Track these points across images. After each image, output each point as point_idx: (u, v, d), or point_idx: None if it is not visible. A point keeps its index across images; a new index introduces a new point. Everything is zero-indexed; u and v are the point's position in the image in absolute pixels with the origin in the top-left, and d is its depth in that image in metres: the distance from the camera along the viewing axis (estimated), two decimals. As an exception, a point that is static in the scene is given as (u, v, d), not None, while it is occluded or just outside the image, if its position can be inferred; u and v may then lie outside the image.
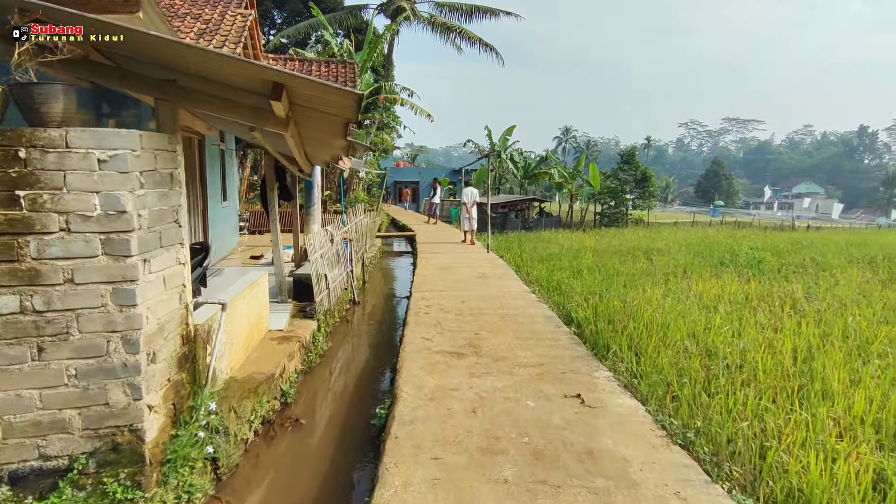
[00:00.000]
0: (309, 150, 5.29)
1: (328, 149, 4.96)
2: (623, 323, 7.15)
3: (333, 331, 7.13)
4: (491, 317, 6.60)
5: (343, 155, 5.16)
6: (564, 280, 10.23)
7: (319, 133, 4.17)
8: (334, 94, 2.87)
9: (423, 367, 4.75)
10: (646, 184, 28.23)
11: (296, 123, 3.88)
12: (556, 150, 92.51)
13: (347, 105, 3.01)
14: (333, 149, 4.87)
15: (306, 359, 5.60)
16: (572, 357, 5.13)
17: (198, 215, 8.67)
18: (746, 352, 6.08)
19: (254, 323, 4.94)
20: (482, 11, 27.75)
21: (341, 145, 4.45)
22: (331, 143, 4.54)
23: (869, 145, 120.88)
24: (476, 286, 8.59)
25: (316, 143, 4.74)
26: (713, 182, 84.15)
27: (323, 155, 5.51)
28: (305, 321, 6.20)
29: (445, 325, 6.16)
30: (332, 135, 4.05)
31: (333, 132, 3.87)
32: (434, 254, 12.49)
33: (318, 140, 4.51)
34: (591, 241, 18.46)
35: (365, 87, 21.47)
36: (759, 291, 9.96)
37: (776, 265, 13.21)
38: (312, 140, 4.56)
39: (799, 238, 21.98)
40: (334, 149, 4.84)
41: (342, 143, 4.31)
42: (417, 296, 7.75)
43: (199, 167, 8.77)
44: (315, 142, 4.64)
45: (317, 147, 4.99)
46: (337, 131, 3.74)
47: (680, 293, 9.58)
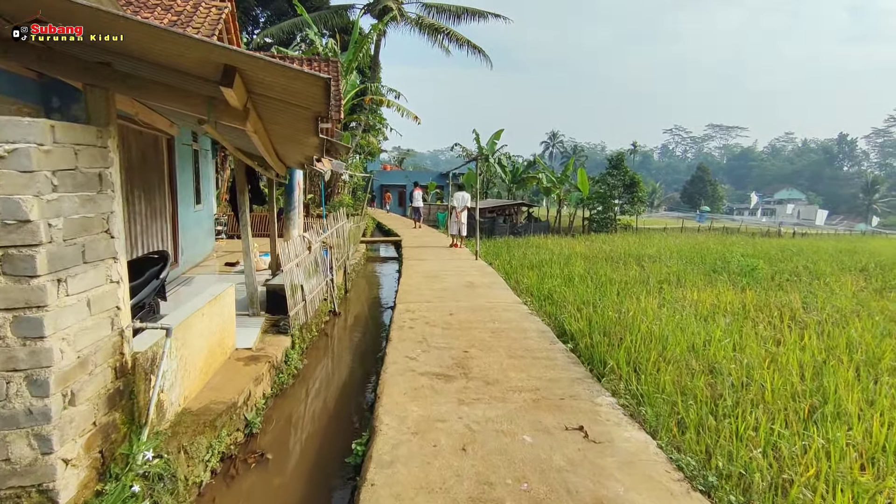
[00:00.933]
0: (280, 150, 4.77)
1: (301, 148, 4.45)
2: (619, 335, 6.78)
3: (311, 346, 6.59)
4: (481, 332, 6.11)
5: (318, 155, 4.65)
6: (556, 288, 9.82)
7: (288, 129, 3.67)
8: (296, 79, 2.37)
9: (406, 392, 4.24)
10: (634, 189, 28.01)
11: (260, 118, 3.36)
12: (544, 155, 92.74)
13: (314, 94, 2.51)
14: (306, 148, 4.36)
15: (277, 380, 5.05)
16: (571, 379, 4.66)
17: (166, 220, 8.07)
18: (751, 368, 5.74)
19: (216, 342, 4.39)
20: (470, 13, 27.36)
21: (314, 144, 3.95)
22: (302, 142, 4.04)
23: (848, 153, 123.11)
24: (464, 296, 8.10)
25: (286, 141, 4.23)
26: (699, 188, 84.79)
27: (296, 155, 4.99)
28: (278, 337, 5.66)
29: (432, 342, 5.66)
30: (301, 131, 3.55)
31: (303, 128, 3.37)
32: (420, 260, 11.99)
33: (288, 138, 4.00)
34: (581, 246, 18.12)
35: (350, 87, 20.94)
36: (756, 301, 9.65)
37: (769, 273, 12.96)
38: (281, 138, 4.05)
39: (788, 245, 21.90)
40: (307, 148, 4.33)
41: (314, 142, 3.81)
42: (402, 307, 7.24)
43: (167, 168, 8.18)
44: (285, 139, 4.12)
45: (288, 146, 4.48)
46: (306, 127, 3.24)
47: (675, 303, 9.27)
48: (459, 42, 26.80)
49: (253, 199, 6.31)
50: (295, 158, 5.16)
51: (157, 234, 7.67)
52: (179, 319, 3.59)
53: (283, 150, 4.82)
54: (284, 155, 5.10)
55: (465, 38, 26.65)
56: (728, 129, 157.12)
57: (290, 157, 5.25)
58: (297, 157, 5.00)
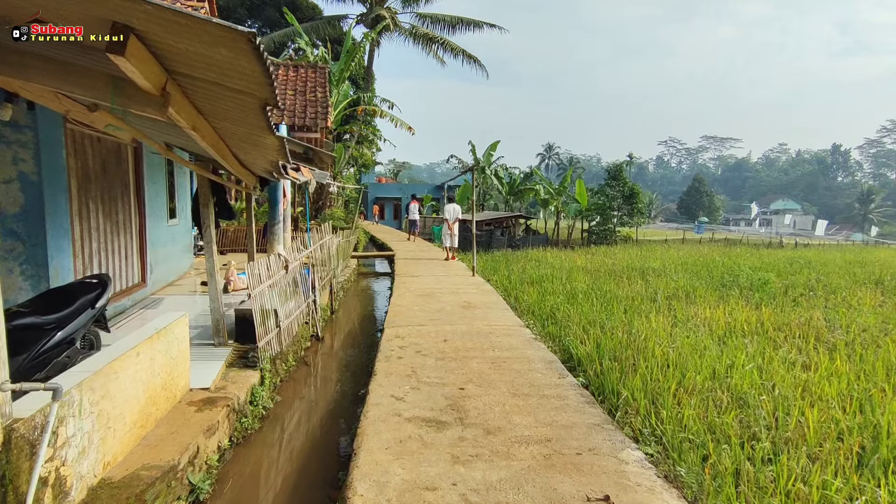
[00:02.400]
0: (242, 155, 4.07)
1: (262, 151, 3.74)
2: (631, 360, 6.09)
3: (287, 378, 5.81)
4: (479, 362, 5.36)
5: (283, 160, 3.92)
6: (559, 306, 9.12)
7: (240, 126, 2.96)
8: (215, 42, 1.66)
9: (389, 446, 3.48)
10: (633, 200, 27.42)
11: (202, 113, 2.64)
12: (540, 167, 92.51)
13: (248, 71, 1.81)
14: (267, 151, 3.64)
15: (240, 426, 4.28)
16: (587, 426, 3.90)
17: (131, 236, 7.32)
18: (783, 400, 5.05)
19: (159, 386, 3.63)
20: (465, 23, 26.94)
21: (273, 145, 3.25)
22: (259, 143, 3.33)
23: (842, 163, 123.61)
24: (461, 318, 7.35)
25: (243, 143, 3.52)
26: (695, 199, 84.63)
27: (260, 161, 4.27)
28: (245, 372, 4.89)
29: (422, 376, 4.90)
30: (254, 128, 2.84)
31: (253, 123, 2.67)
32: (413, 277, 11.24)
33: (244, 138, 3.30)
34: (581, 260, 17.44)
35: (342, 97, 20.34)
36: (774, 319, 8.95)
37: (781, 287, 12.30)
38: (236, 138, 3.35)
39: (794, 256, 21.26)
40: (268, 151, 3.62)
41: (273, 142, 3.11)
42: (390, 333, 6.48)
43: (133, 179, 7.45)
44: (241, 141, 3.42)
45: (247, 149, 3.77)
46: (257, 121, 2.54)
47: (687, 321, 8.59)
48: (454, 52, 26.34)
49: (219, 212, 5.59)
50: (260, 165, 4.45)
51: (119, 252, 6.92)
52: (98, 365, 2.83)
53: (245, 156, 4.11)
54: (248, 161, 4.38)
55: (460, 48, 26.20)
56: (722, 140, 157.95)
57: (256, 164, 4.54)
58: (262, 163, 4.28)
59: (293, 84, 11.60)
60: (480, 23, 27.01)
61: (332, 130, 20.24)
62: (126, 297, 7.00)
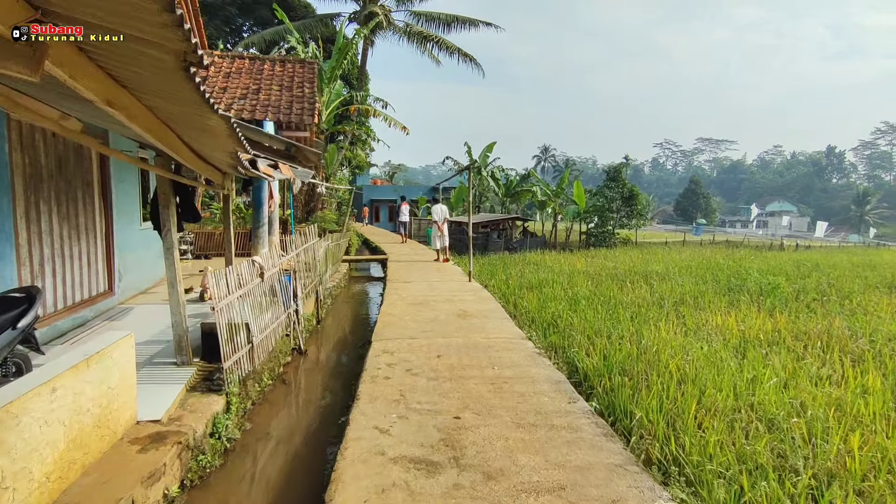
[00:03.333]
0: (196, 145, 3.44)
1: (213, 138, 3.10)
2: (643, 375, 5.54)
3: (261, 400, 5.17)
4: (477, 383, 4.73)
5: (237, 148, 3.28)
6: (561, 314, 8.54)
7: (172, 102, 2.34)
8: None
9: (367, 498, 2.84)
10: (633, 202, 26.86)
11: (120, 83, 2.00)
12: (536, 169, 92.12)
13: (146, 6, 1.17)
14: (218, 137, 3.01)
15: (196, 465, 3.63)
16: (607, 468, 3.27)
17: (95, 241, 6.66)
18: (817, 422, 4.51)
19: (89, 424, 2.99)
20: (460, 22, 26.36)
21: (222, 129, 2.62)
22: (206, 126, 2.70)
23: (837, 165, 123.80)
24: (456, 330, 6.73)
25: (190, 128, 2.89)
26: (692, 201, 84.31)
27: (218, 152, 3.63)
28: (207, 397, 4.24)
29: (412, 401, 4.27)
30: (189, 103, 2.22)
31: (182, 93, 2.05)
32: (406, 283, 10.60)
33: (187, 120, 2.68)
34: (581, 263, 16.87)
35: (335, 96, 19.72)
36: (791, 327, 8.40)
37: (791, 292, 11.76)
38: (178, 120, 2.72)
39: (800, 259, 20.77)
40: (219, 137, 2.99)
41: (219, 124, 2.50)
42: (378, 347, 5.84)
43: (99, 179, 6.80)
44: (184, 124, 2.79)
45: (196, 135, 3.13)
46: (184, 90, 1.92)
47: (698, 330, 8.04)
48: (450, 50, 25.76)
49: (183, 214, 4.96)
50: (220, 158, 3.82)
51: (80, 258, 6.26)
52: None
53: (200, 146, 3.48)
54: (206, 153, 3.75)
55: (456, 47, 25.64)
56: (717, 142, 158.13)
57: (216, 157, 3.90)
58: (221, 154, 3.65)
59: (279, 79, 10.97)
60: (476, 21, 26.46)
61: (325, 130, 19.61)
62: (88, 308, 6.35)
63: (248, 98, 10.12)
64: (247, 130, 7.14)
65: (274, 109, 9.91)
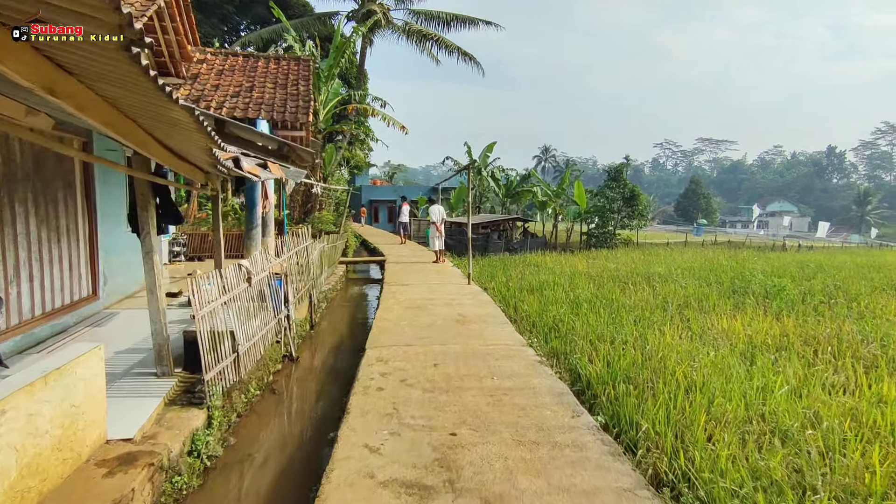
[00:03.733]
0: (167, 140, 3.17)
1: (183, 132, 2.83)
2: (648, 383, 5.30)
3: (247, 412, 4.89)
4: (475, 395, 4.47)
5: (209, 143, 3.00)
6: (562, 317, 8.28)
7: (126, 88, 2.07)
8: None
9: (354, 530, 2.59)
10: (634, 202, 26.60)
11: (64, 69, 1.73)
12: (537, 170, 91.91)
13: None
14: (186, 131, 2.73)
15: (170, 488, 3.36)
16: (616, 492, 3.00)
17: (77, 243, 6.39)
18: (832, 433, 4.28)
19: (48, 447, 2.72)
20: (460, 20, 26.08)
21: (186, 121, 2.36)
22: (171, 118, 2.43)
23: (837, 165, 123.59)
24: (454, 336, 6.46)
25: (155, 121, 2.61)
26: (692, 201, 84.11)
27: (193, 148, 3.34)
28: (187, 412, 3.97)
29: (406, 415, 4.00)
30: (141, 90, 1.96)
31: (130, 77, 1.78)
32: (403, 285, 10.33)
33: (148, 111, 2.40)
34: (582, 264, 16.61)
35: (332, 95, 19.46)
36: (799, 331, 8.16)
37: (798, 294, 11.51)
38: (139, 111, 2.45)
39: (803, 260, 20.51)
40: (187, 130, 2.71)
41: (183, 116, 2.23)
42: (373, 355, 5.57)
43: (81, 179, 6.53)
44: (146, 115, 2.51)
45: (164, 129, 2.84)
46: (131, 74, 1.65)
47: (704, 334, 7.80)
48: (449, 49, 25.49)
49: (163, 216, 4.69)
50: (196, 155, 3.54)
51: (60, 262, 5.99)
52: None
53: (171, 141, 3.21)
54: (181, 149, 3.48)
55: (455, 45, 25.35)
56: (718, 142, 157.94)
57: (192, 154, 3.62)
58: (195, 151, 3.37)
59: (273, 77, 10.70)
60: (476, 20, 26.19)
61: (322, 130, 19.35)
62: (69, 314, 6.08)
63: (241, 96, 9.85)
64: (237, 128, 6.88)
65: (267, 107, 9.65)
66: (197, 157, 3.57)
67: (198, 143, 2.94)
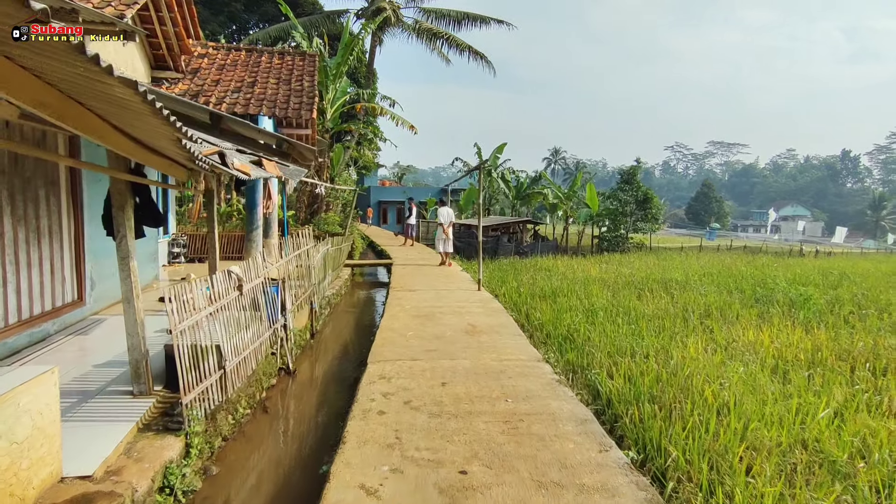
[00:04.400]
0: (131, 130, 2.71)
1: (137, 118, 2.35)
2: (675, 403, 4.80)
3: (235, 435, 4.42)
4: (488, 421, 3.96)
5: (174, 131, 2.52)
6: (577, 327, 7.79)
7: (48, 57, 1.60)
8: None
9: None
10: (647, 205, 25.95)
11: None
12: (547, 172, 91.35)
13: None
14: (140, 114, 2.26)
15: (135, 534, 2.89)
16: (661, 557, 2.49)
17: (60, 245, 5.97)
18: (884, 465, 3.80)
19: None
20: (471, 19, 25.60)
21: (137, 104, 1.89)
22: (110, 94, 1.96)
23: (851, 169, 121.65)
24: (464, 349, 5.96)
25: (90, 95, 2.12)
26: (704, 204, 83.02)
27: (159, 139, 2.84)
28: (162, 439, 3.51)
29: (409, 446, 3.51)
30: (60, 55, 1.49)
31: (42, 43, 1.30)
32: (410, 291, 9.85)
33: (84, 87, 1.94)
34: (595, 269, 16.04)
35: (340, 94, 19.04)
36: (832, 345, 7.59)
37: (825, 303, 10.91)
38: (73, 87, 1.98)
39: (825, 266, 19.80)
40: (140, 114, 2.24)
41: (126, 93, 1.77)
42: (375, 371, 5.09)
43: (66, 175, 6.11)
44: (83, 90, 2.03)
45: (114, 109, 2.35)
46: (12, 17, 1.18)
47: (730, 347, 7.28)
48: (460, 48, 25.01)
49: (142, 217, 4.25)
50: (165, 146, 3.06)
51: (41, 265, 5.57)
52: None
53: (135, 130, 2.74)
54: (148, 140, 3.01)
55: (466, 44, 24.88)
56: (729, 145, 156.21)
57: (162, 146, 3.14)
58: (163, 141, 2.89)
59: (277, 72, 10.28)
60: (487, 18, 25.70)
61: (329, 129, 18.94)
62: (49, 321, 5.65)
63: (243, 91, 9.43)
64: (234, 124, 6.44)
65: (269, 103, 9.21)
66: (170, 150, 3.11)
67: (162, 132, 2.48)
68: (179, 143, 2.53)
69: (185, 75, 9.37)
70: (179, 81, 9.17)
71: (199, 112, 6.13)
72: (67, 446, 3.02)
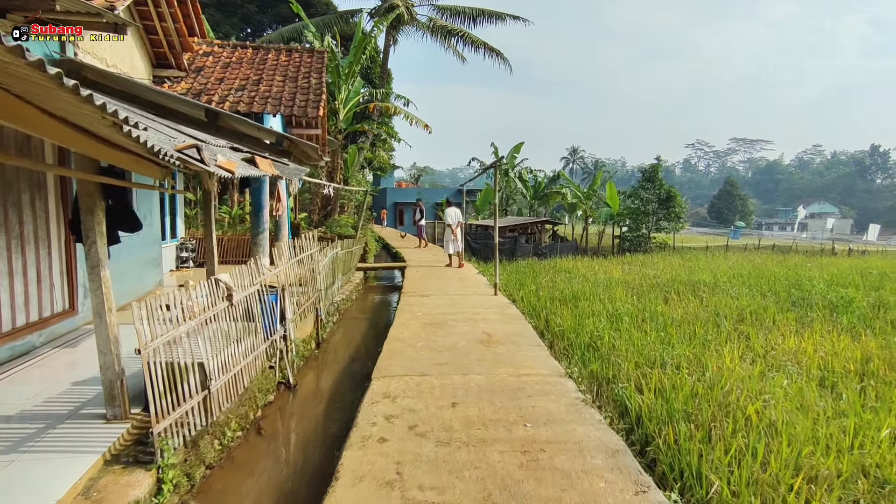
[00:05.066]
0: (71, 117, 2.29)
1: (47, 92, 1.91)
2: (714, 422, 4.25)
3: (222, 462, 3.98)
4: (504, 451, 3.45)
5: (104, 114, 2.09)
6: (601, 333, 7.23)
7: None
8: None
9: None
10: (670, 204, 25.07)
11: None
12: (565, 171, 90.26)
13: None
14: (51, 92, 1.83)
15: None
16: None
17: (48, 253, 5.62)
18: None
19: None
20: (487, 15, 25.06)
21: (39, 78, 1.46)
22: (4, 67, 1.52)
23: (881, 164, 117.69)
24: (478, 362, 5.45)
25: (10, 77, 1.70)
26: (727, 202, 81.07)
27: (90, 120, 2.41)
28: (130, 474, 3.07)
29: (412, 485, 3.02)
30: None
31: None
32: (423, 296, 9.36)
33: None
34: (618, 271, 15.37)
35: (353, 94, 18.69)
36: (883, 354, 6.91)
37: (867, 306, 10.13)
38: None
39: (863, 266, 18.77)
40: (51, 90, 1.81)
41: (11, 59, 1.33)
42: (379, 389, 4.61)
43: (56, 181, 5.77)
44: None
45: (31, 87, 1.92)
46: None
47: (767, 355, 6.65)
48: (476, 45, 24.49)
49: (116, 222, 3.85)
50: (109, 134, 2.62)
51: (26, 273, 5.22)
52: None
53: (77, 118, 2.32)
54: (96, 129, 2.59)
55: (482, 41, 24.35)
56: (752, 142, 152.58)
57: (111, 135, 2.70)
58: (103, 128, 2.44)
59: (283, 70, 9.90)
60: (503, 15, 25.14)
61: (342, 130, 18.59)
62: (35, 333, 5.31)
63: (247, 89, 9.07)
64: (232, 120, 6.04)
65: (274, 101, 8.83)
66: (121, 140, 2.67)
67: (87, 111, 2.04)
68: (121, 130, 2.08)
69: (189, 73, 9.05)
70: (182, 80, 8.84)
71: (195, 109, 5.75)
72: (17, 488, 2.60)
